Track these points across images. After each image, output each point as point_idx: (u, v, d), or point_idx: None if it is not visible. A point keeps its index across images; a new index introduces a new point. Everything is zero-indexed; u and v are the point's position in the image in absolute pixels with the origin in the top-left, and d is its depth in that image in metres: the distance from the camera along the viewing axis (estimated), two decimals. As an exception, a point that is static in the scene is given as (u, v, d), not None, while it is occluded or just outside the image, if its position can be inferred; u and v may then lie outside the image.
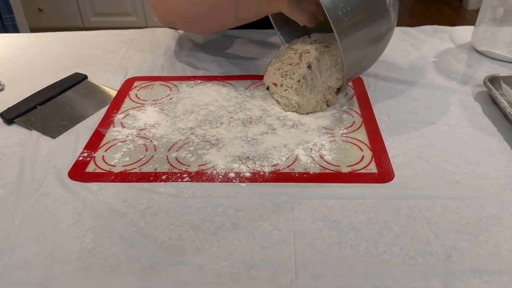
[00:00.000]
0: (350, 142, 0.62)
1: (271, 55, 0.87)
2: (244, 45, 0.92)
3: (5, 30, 1.79)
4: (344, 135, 0.64)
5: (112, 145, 0.63)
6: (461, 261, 0.45)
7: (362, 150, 0.60)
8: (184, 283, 0.43)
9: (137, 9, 2.82)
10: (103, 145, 0.63)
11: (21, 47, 0.94)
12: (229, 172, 0.57)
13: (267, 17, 0.78)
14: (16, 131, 0.66)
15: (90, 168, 0.58)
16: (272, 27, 0.82)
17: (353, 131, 0.65)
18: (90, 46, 0.94)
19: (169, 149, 0.62)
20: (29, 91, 0.74)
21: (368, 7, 0.58)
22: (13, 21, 1.82)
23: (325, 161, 0.59)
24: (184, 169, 0.58)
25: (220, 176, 0.56)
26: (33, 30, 2.00)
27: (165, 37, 0.96)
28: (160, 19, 0.77)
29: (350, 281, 0.43)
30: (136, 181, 0.56)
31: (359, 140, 0.62)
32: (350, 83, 0.76)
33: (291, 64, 0.71)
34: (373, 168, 0.57)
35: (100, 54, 0.90)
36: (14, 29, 1.83)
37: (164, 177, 0.56)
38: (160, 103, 0.73)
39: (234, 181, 0.55)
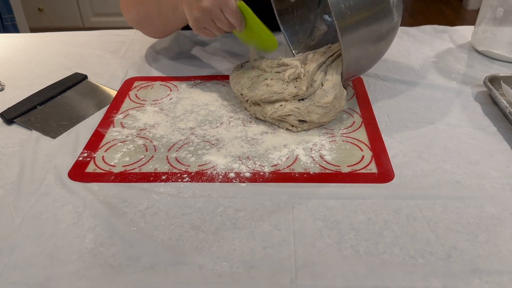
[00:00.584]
0: (350, 142, 0.62)
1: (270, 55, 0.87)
2: (242, 44, 0.92)
3: (5, 30, 1.79)
4: (344, 135, 0.64)
5: (112, 145, 0.63)
6: (461, 261, 0.45)
7: (362, 150, 0.60)
8: (184, 283, 0.43)
9: (137, 9, 2.81)
10: (103, 145, 0.63)
11: (21, 47, 0.94)
12: (229, 172, 0.57)
13: (268, 16, 0.78)
14: (16, 131, 0.66)
15: (90, 168, 0.58)
16: (273, 29, 0.82)
17: (353, 131, 0.65)
18: (90, 46, 0.94)
19: (169, 149, 0.62)
20: (29, 91, 0.75)
21: (371, 3, 0.58)
22: (13, 21, 1.82)
23: (325, 161, 0.59)
24: (184, 169, 0.58)
25: (220, 176, 0.56)
26: (33, 30, 2.00)
27: (164, 38, 0.96)
28: (127, 20, 0.83)
29: (350, 281, 0.43)
30: (136, 181, 0.56)
31: (359, 140, 0.62)
32: (350, 83, 0.76)
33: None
34: (373, 168, 0.57)
35: (100, 54, 0.90)
36: (14, 29, 1.83)
37: (164, 177, 0.56)
38: (160, 103, 0.73)
39: (234, 181, 0.55)
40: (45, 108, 0.72)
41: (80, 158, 0.60)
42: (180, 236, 0.48)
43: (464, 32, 0.95)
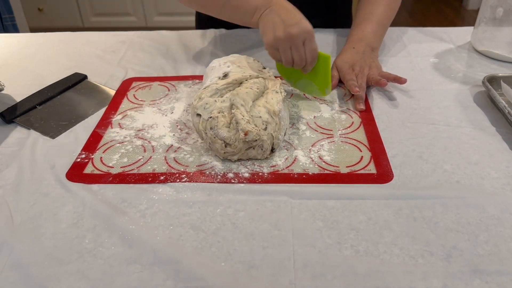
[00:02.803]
0: (349, 143, 0.62)
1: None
2: (242, 44, 0.92)
3: (5, 30, 1.79)
4: (343, 136, 0.63)
5: (110, 146, 0.63)
6: (461, 261, 0.45)
7: (361, 151, 0.60)
8: (184, 283, 0.43)
9: (137, 9, 2.81)
10: (101, 146, 0.63)
11: (21, 47, 0.94)
12: (227, 173, 0.57)
13: None
14: (16, 131, 0.66)
15: (88, 169, 0.58)
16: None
17: (352, 131, 0.64)
18: (90, 46, 0.94)
19: (167, 150, 0.61)
20: (29, 91, 0.74)
21: None
22: (13, 21, 1.81)
23: (324, 161, 0.58)
24: (182, 169, 0.58)
25: (219, 177, 0.56)
26: (33, 30, 2.00)
27: (164, 38, 0.96)
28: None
29: (350, 281, 0.43)
30: (134, 182, 0.56)
31: (357, 141, 0.62)
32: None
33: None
34: (372, 169, 0.57)
35: (100, 54, 0.90)
36: (14, 29, 1.83)
37: (162, 177, 0.56)
38: (158, 103, 0.73)
39: (233, 181, 0.55)
40: (45, 108, 0.72)
41: (78, 160, 0.60)
42: (180, 236, 0.48)
43: (464, 32, 0.95)
